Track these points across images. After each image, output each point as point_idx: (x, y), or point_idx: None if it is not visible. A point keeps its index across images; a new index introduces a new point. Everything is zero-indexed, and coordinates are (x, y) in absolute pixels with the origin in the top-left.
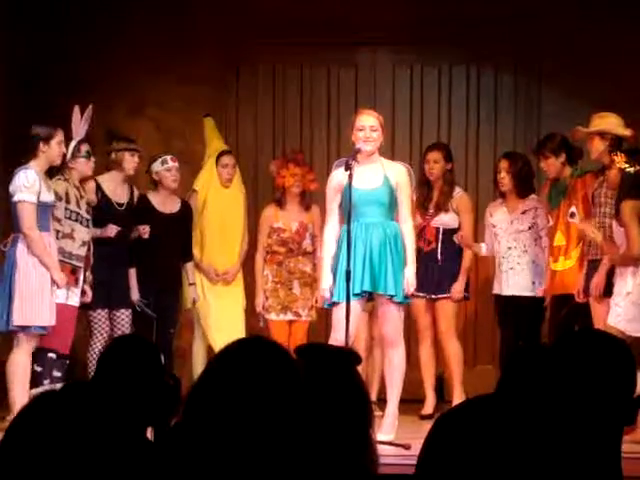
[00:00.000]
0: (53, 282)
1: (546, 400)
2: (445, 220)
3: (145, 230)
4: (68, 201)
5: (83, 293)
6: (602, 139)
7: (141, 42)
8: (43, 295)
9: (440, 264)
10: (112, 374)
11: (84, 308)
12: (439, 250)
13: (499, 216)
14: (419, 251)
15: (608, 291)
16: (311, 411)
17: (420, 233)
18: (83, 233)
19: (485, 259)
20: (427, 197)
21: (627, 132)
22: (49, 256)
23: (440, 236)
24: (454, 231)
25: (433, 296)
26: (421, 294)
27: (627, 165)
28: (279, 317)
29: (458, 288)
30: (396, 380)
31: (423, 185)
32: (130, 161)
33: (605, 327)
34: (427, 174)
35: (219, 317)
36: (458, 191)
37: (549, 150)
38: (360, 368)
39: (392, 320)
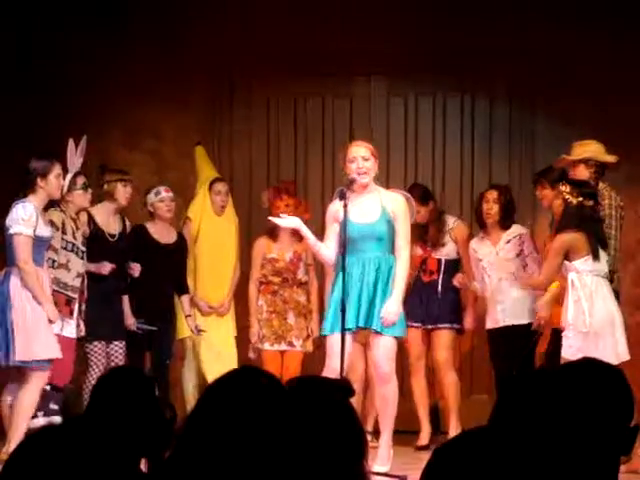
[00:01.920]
0: (63, 314)
1: (542, 430)
2: (445, 251)
3: (136, 268)
4: (64, 232)
5: (77, 326)
6: (586, 166)
7: (135, 73)
8: (40, 328)
9: (440, 296)
10: (106, 406)
11: (81, 340)
12: (440, 281)
13: (484, 250)
14: (418, 281)
15: None
16: (305, 442)
17: (421, 264)
18: (78, 264)
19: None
20: (424, 235)
21: (611, 158)
22: (42, 290)
23: (442, 267)
24: (456, 262)
25: (430, 327)
26: (416, 324)
27: (570, 196)
28: (273, 347)
29: (469, 319)
30: (389, 412)
31: (416, 226)
32: (123, 192)
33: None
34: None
35: (211, 348)
36: (454, 220)
37: (548, 181)
38: (357, 399)
39: (385, 352)
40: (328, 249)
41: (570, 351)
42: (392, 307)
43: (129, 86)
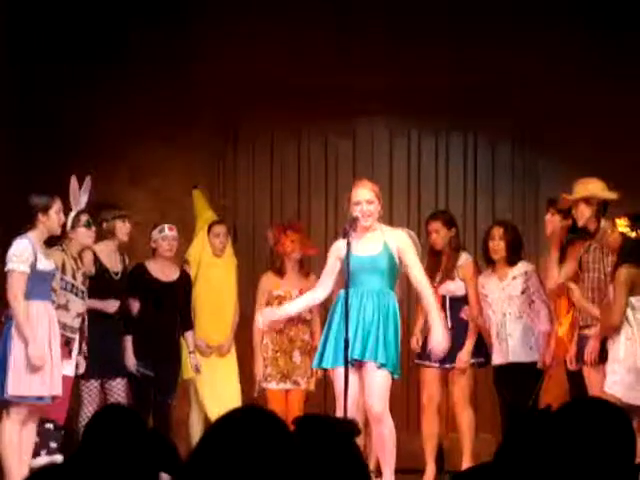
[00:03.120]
0: (62, 354)
1: (546, 469)
2: (451, 288)
3: (134, 306)
4: (64, 272)
5: (76, 364)
6: (588, 205)
7: (140, 111)
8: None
9: (451, 332)
10: (98, 444)
11: (77, 378)
12: (448, 319)
13: (490, 285)
14: (427, 320)
15: (602, 357)
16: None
17: None
18: (78, 305)
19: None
20: (435, 265)
21: (612, 195)
22: (30, 328)
23: (447, 304)
24: (461, 299)
25: (447, 365)
26: (434, 365)
27: (628, 229)
28: (278, 386)
29: (463, 358)
30: (388, 451)
31: (430, 254)
32: (122, 228)
33: (601, 394)
34: (432, 244)
35: (214, 388)
36: (465, 258)
37: (556, 209)
38: (360, 437)
39: (377, 391)
40: (316, 292)
41: (615, 388)
42: (438, 336)
43: (133, 124)
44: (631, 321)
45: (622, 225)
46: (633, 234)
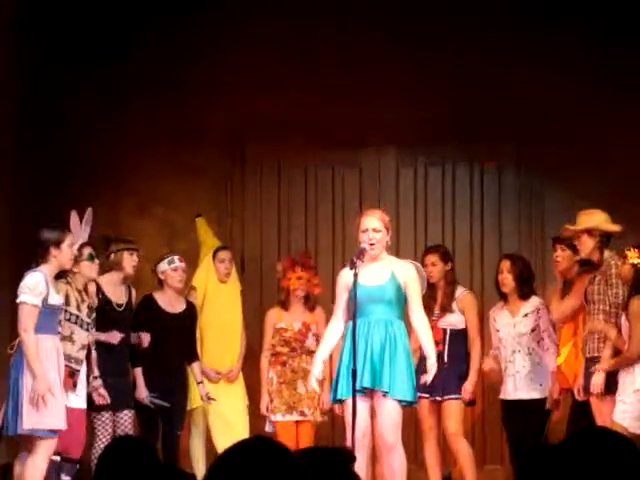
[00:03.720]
0: (66, 386)
1: None
2: (452, 321)
3: (146, 339)
4: (68, 304)
5: (99, 396)
6: (590, 236)
7: (146, 142)
8: (49, 397)
9: (446, 366)
10: (110, 475)
11: (92, 410)
12: (446, 352)
13: (502, 320)
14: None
15: (609, 388)
16: None
17: None
18: (83, 336)
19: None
20: (430, 299)
21: (615, 227)
22: (39, 363)
23: (447, 337)
24: (461, 332)
25: (439, 398)
26: (425, 395)
27: (639, 260)
28: (285, 418)
29: (469, 388)
30: None
31: (427, 287)
32: (129, 260)
33: (610, 424)
34: (428, 277)
35: (222, 417)
36: (462, 291)
37: (568, 243)
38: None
39: (389, 419)
40: (338, 326)
41: (623, 416)
42: (432, 365)
43: (140, 155)
44: None
45: (633, 257)
46: None
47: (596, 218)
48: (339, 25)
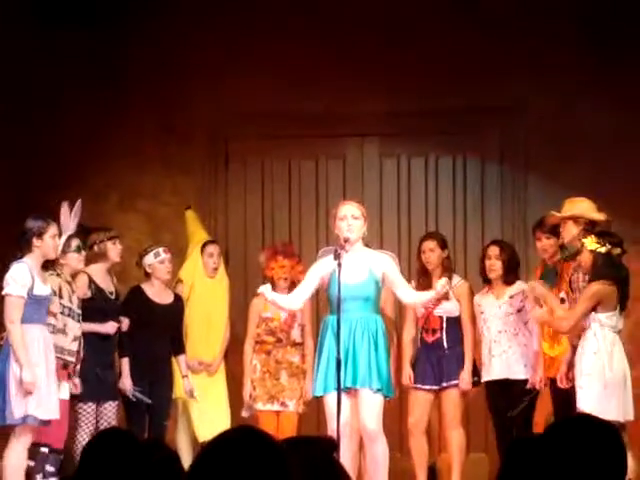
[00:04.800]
0: (61, 377)
1: None
2: (448, 308)
3: (125, 323)
4: (61, 296)
5: (73, 385)
6: (575, 223)
7: (131, 135)
8: (39, 387)
9: (446, 352)
10: (94, 468)
11: (73, 400)
12: (444, 339)
13: (487, 302)
14: (423, 343)
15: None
16: None
17: (424, 323)
18: (75, 328)
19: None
20: (426, 286)
21: (600, 216)
22: (26, 353)
23: (445, 325)
24: (458, 319)
25: (444, 384)
26: (427, 387)
27: (598, 245)
28: (266, 407)
29: (466, 378)
30: (380, 472)
31: (422, 274)
32: (114, 249)
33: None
34: (424, 263)
35: (203, 408)
36: (458, 280)
37: (551, 230)
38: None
39: (372, 411)
40: (289, 299)
41: (584, 402)
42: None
43: (125, 149)
44: (599, 337)
45: (591, 243)
46: (603, 249)
47: (582, 206)
48: (322, 16)
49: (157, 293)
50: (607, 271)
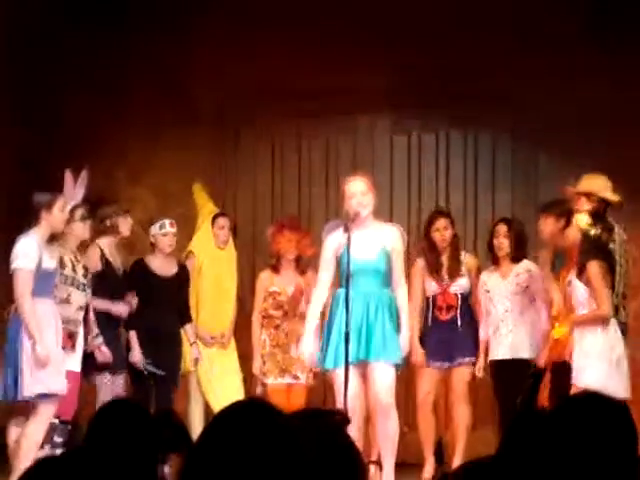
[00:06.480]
0: (66, 347)
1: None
2: (463, 284)
3: (133, 301)
4: (63, 266)
5: (101, 353)
6: (588, 200)
7: (140, 109)
8: (51, 362)
9: (461, 330)
10: (103, 439)
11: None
12: (459, 316)
13: (493, 281)
14: (435, 322)
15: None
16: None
17: (436, 301)
18: (80, 297)
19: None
20: (438, 264)
21: (613, 197)
22: (37, 326)
23: (459, 302)
24: (468, 296)
25: (456, 362)
26: (437, 364)
27: (589, 227)
28: (277, 380)
29: (481, 365)
30: (391, 446)
31: (432, 252)
32: (124, 222)
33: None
34: (438, 241)
35: (217, 381)
36: (465, 254)
37: (553, 214)
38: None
39: (385, 384)
40: (320, 299)
41: (585, 380)
42: (406, 343)
43: (134, 123)
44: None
45: (583, 222)
46: (592, 232)
47: (597, 183)
48: None
49: (160, 265)
50: (597, 252)
